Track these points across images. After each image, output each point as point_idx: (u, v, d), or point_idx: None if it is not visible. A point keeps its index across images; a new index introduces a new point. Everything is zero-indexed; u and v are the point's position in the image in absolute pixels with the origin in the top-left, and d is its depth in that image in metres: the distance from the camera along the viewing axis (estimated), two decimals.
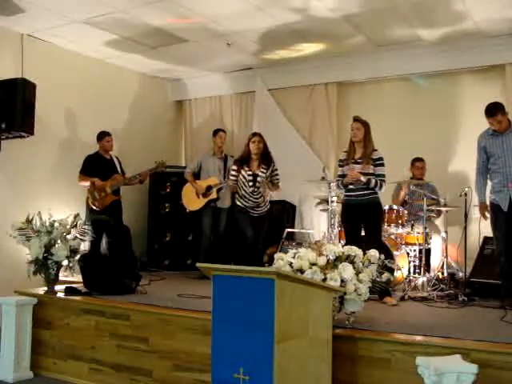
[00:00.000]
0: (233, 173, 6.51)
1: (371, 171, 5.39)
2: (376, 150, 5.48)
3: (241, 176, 6.42)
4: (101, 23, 6.56)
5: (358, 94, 8.05)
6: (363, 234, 5.50)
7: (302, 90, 8.33)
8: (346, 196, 5.58)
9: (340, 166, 5.66)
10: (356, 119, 5.52)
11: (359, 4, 5.98)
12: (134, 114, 8.60)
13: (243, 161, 6.45)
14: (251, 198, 6.42)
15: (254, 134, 6.53)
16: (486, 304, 5.18)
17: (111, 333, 4.67)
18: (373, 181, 5.35)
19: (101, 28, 6.72)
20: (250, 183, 6.38)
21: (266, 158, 6.44)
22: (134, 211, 8.14)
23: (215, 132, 7.78)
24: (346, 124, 5.65)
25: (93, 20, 6.46)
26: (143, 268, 7.41)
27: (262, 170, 6.38)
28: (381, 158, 5.44)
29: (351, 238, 5.35)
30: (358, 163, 5.45)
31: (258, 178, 6.36)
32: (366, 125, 5.50)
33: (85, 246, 6.01)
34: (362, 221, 5.46)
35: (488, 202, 5.41)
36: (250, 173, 6.39)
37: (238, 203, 6.53)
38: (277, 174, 6.47)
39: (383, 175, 5.41)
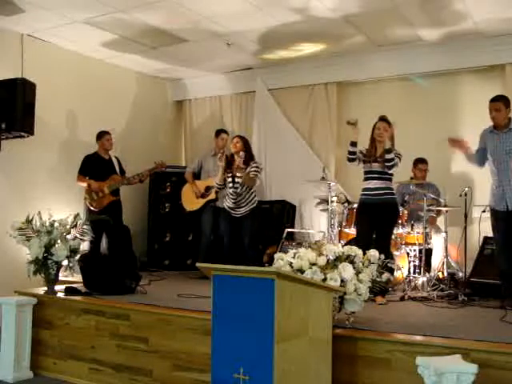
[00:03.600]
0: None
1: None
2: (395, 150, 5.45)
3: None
4: (101, 23, 6.57)
5: (358, 93, 8.05)
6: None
7: (302, 90, 8.33)
8: (363, 195, 5.53)
9: (355, 158, 5.52)
10: (384, 119, 5.46)
11: (359, 4, 5.98)
12: (134, 114, 8.61)
13: (228, 162, 6.61)
14: (231, 198, 6.58)
15: (234, 137, 6.84)
16: (486, 304, 5.18)
17: (111, 333, 4.66)
18: (392, 153, 5.29)
19: (101, 28, 6.73)
20: (230, 184, 6.55)
21: (247, 157, 6.59)
22: (134, 211, 8.14)
23: (217, 133, 7.77)
24: (346, 124, 5.62)
25: (93, 20, 6.46)
26: (143, 268, 7.41)
27: (241, 169, 6.52)
28: (399, 153, 5.41)
29: (362, 238, 5.31)
30: (378, 162, 5.42)
31: (236, 179, 6.50)
32: (391, 126, 5.46)
33: (84, 246, 6.02)
34: (375, 221, 5.37)
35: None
36: (230, 174, 6.55)
37: (221, 204, 6.83)
38: (255, 170, 6.54)
39: (397, 163, 5.36)
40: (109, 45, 7.38)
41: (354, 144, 5.39)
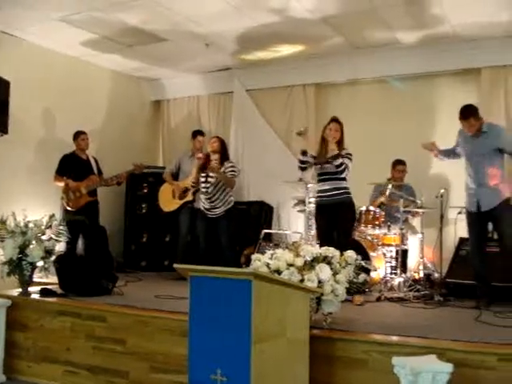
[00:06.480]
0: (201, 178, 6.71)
1: None
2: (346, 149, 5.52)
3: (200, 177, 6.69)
4: (77, 21, 6.49)
5: (336, 95, 8.08)
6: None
7: (281, 91, 8.35)
8: (318, 197, 5.59)
9: (306, 167, 5.60)
10: (336, 120, 5.53)
11: (338, 6, 6.00)
12: (111, 113, 8.54)
13: (204, 162, 6.63)
14: (206, 199, 6.63)
15: (212, 137, 6.98)
16: (461, 304, 5.22)
17: (87, 334, 4.61)
18: (340, 160, 5.35)
19: (77, 26, 6.65)
20: (203, 184, 6.60)
21: (222, 158, 6.66)
22: (111, 212, 8.07)
23: (193, 135, 7.77)
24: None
25: (69, 18, 6.38)
26: (120, 269, 7.32)
27: (216, 169, 6.52)
28: (349, 154, 5.46)
29: (324, 239, 5.35)
30: (329, 163, 5.45)
31: (209, 179, 6.55)
32: (342, 126, 5.53)
33: (60, 247, 5.95)
34: (334, 221, 5.45)
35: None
36: (204, 174, 6.57)
37: (198, 205, 6.88)
38: (231, 170, 6.60)
39: (347, 165, 5.41)
40: (85, 43, 7.31)
41: (304, 153, 5.46)
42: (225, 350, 3.07)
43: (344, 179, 5.49)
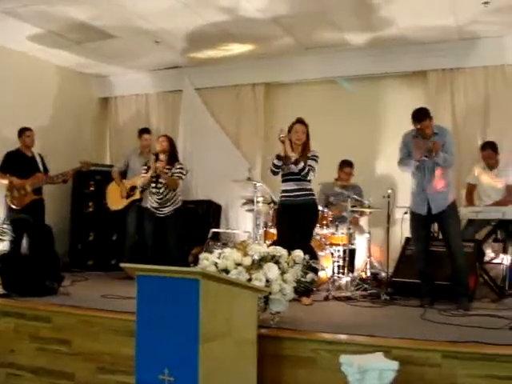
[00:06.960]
0: (143, 172, 6.62)
1: None
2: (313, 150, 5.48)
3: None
4: (23, 14, 6.32)
5: (285, 95, 8.12)
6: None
7: (230, 90, 8.35)
8: (282, 196, 5.54)
9: (278, 166, 5.53)
10: (301, 121, 5.44)
11: (288, 6, 6.04)
12: (58, 109, 8.37)
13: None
14: (155, 198, 6.54)
15: (160, 136, 6.79)
16: (406, 303, 5.31)
17: (31, 335, 4.51)
18: (302, 163, 5.28)
19: (23, 20, 6.48)
20: (153, 184, 6.50)
21: (171, 158, 6.58)
22: (57, 210, 7.90)
23: (139, 133, 7.70)
24: (272, 125, 5.65)
25: (15, 10, 6.20)
26: (66, 268, 7.19)
27: (166, 170, 6.45)
28: (316, 156, 5.44)
29: (283, 239, 5.32)
30: (294, 164, 5.40)
31: (161, 180, 6.46)
32: (307, 127, 5.49)
33: (4, 246, 5.81)
34: (296, 222, 5.41)
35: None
36: (155, 174, 6.48)
37: (145, 203, 6.77)
38: (179, 172, 6.54)
39: (313, 167, 5.38)
40: (32, 38, 7.14)
41: (280, 158, 5.39)
42: (172, 350, 3.05)
43: (309, 180, 5.44)
